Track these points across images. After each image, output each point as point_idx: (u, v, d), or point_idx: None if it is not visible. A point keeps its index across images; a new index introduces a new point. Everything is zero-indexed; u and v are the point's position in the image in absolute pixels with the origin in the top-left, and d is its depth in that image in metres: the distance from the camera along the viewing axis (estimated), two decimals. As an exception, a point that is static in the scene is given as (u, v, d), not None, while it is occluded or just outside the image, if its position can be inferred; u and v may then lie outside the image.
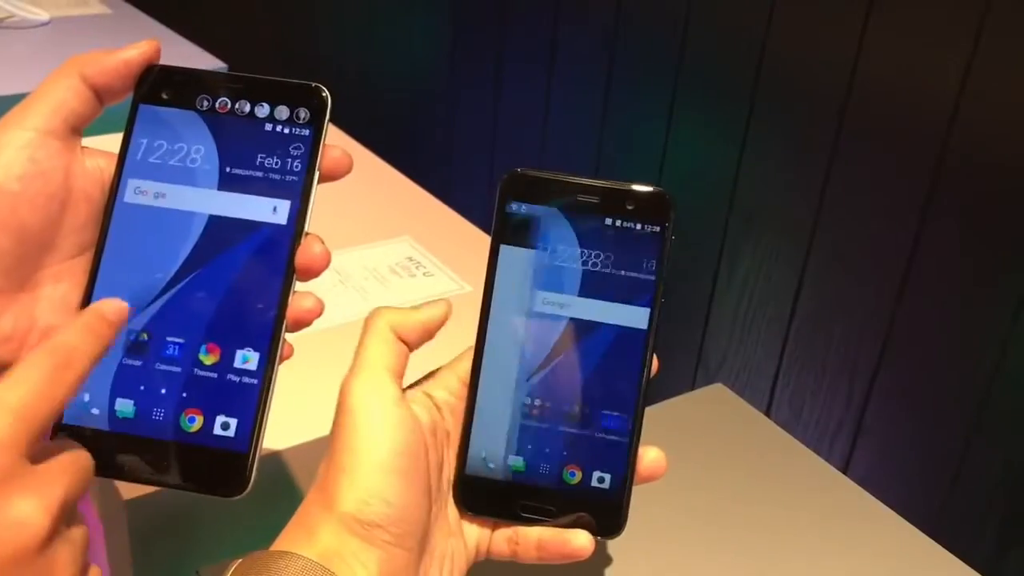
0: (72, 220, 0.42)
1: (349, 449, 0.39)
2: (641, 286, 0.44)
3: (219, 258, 0.42)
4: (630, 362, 0.43)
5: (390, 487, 0.39)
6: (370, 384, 0.41)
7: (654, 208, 0.44)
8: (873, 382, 1.05)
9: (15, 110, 0.41)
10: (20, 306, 0.41)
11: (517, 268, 0.45)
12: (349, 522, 0.38)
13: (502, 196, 0.45)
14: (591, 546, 0.42)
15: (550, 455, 0.44)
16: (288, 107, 0.43)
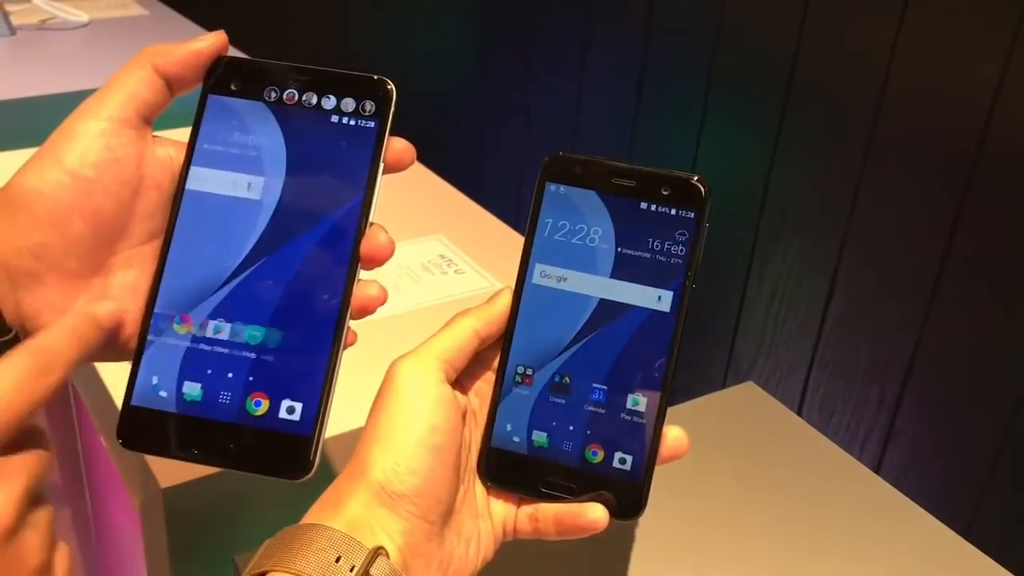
0: (143, 207, 0.43)
1: (387, 420, 0.41)
2: (673, 271, 0.44)
3: (285, 246, 0.42)
4: (658, 346, 0.44)
5: (420, 460, 0.40)
6: (417, 364, 0.42)
7: (690, 195, 0.45)
8: (905, 386, 1.04)
9: (90, 100, 0.42)
10: (93, 290, 0.42)
11: (551, 248, 0.45)
12: (377, 490, 0.39)
13: (543, 177, 0.46)
14: (605, 519, 0.43)
15: (573, 433, 0.44)
16: (354, 99, 0.43)
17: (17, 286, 0.41)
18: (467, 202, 0.92)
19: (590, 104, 1.37)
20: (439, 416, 0.41)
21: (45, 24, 1.40)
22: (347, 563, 0.37)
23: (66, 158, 0.41)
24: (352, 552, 0.38)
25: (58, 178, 0.41)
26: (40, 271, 0.41)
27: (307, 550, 0.38)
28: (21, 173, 0.41)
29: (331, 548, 0.38)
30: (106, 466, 0.69)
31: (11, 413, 0.34)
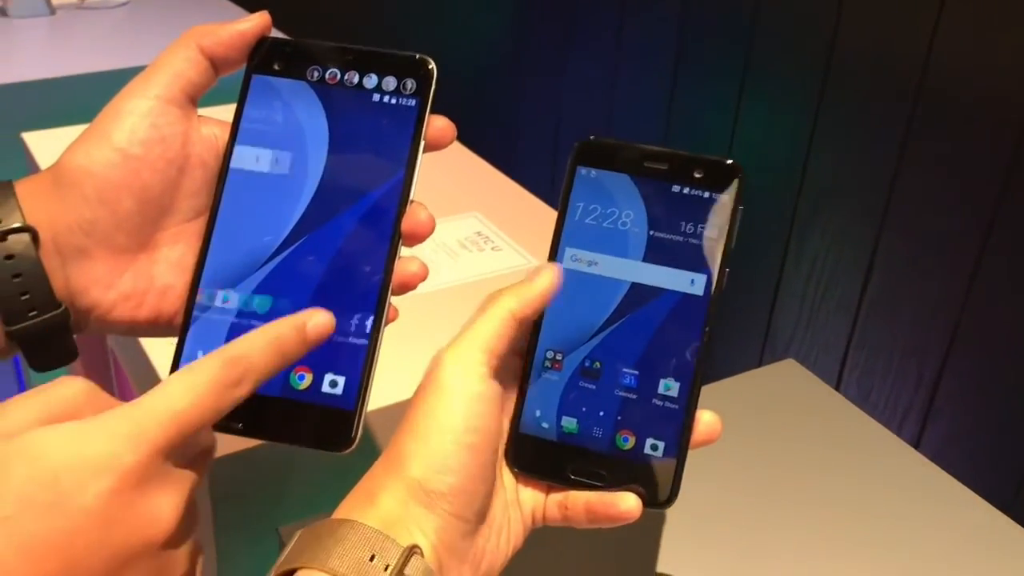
0: (189, 185, 0.43)
1: (427, 416, 0.40)
2: (706, 255, 0.44)
3: (328, 223, 0.43)
4: (690, 330, 0.43)
5: (459, 460, 0.39)
6: (462, 358, 0.41)
7: (723, 178, 0.44)
8: (944, 364, 1.03)
9: (137, 79, 0.43)
10: (140, 266, 0.43)
11: (583, 232, 0.45)
12: (414, 488, 0.39)
13: (574, 161, 0.45)
14: (638, 510, 0.42)
15: (604, 419, 0.44)
16: (395, 78, 0.43)
17: (67, 262, 0.42)
18: (503, 179, 0.92)
19: (625, 82, 1.36)
20: (480, 416, 0.40)
21: (84, 3, 1.42)
22: (381, 562, 0.37)
23: (114, 136, 0.42)
24: (386, 550, 0.37)
25: (107, 156, 0.41)
26: (89, 247, 0.42)
27: (340, 547, 0.37)
28: (70, 151, 0.42)
29: (365, 546, 0.37)
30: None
31: (190, 423, 0.34)
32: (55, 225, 0.41)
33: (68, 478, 0.31)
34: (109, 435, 0.32)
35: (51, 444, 0.32)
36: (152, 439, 0.33)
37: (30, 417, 0.33)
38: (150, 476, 0.33)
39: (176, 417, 0.34)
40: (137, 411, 0.33)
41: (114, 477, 0.32)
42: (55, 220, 0.41)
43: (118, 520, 0.32)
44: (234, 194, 0.43)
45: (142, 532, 0.33)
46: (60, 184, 0.42)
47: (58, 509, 0.31)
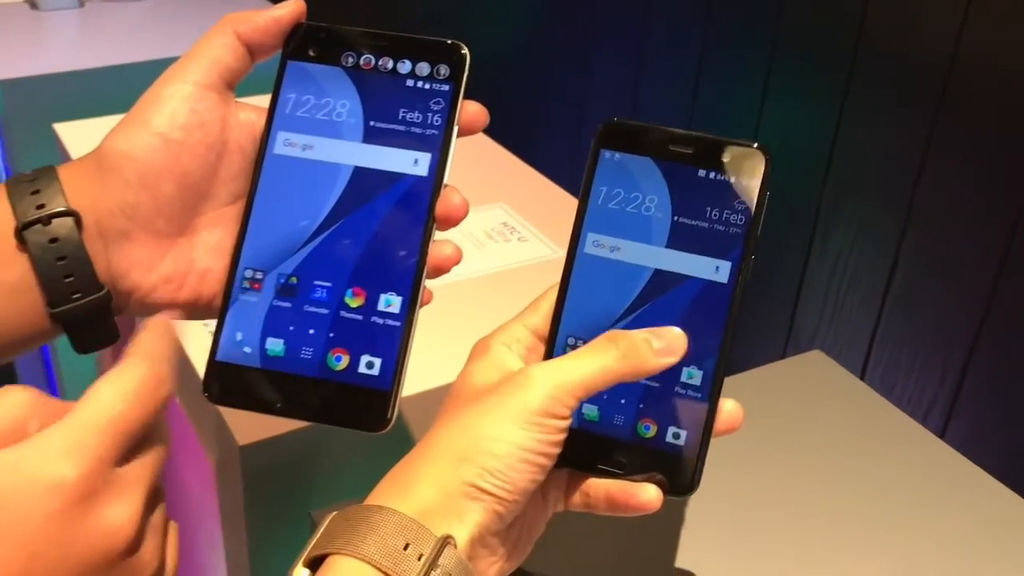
0: (227, 169, 0.44)
1: (499, 425, 0.39)
2: (731, 241, 0.43)
3: (363, 207, 0.43)
4: (714, 318, 0.43)
5: (521, 473, 0.39)
6: (550, 391, 0.40)
7: (751, 162, 0.43)
8: (970, 359, 1.03)
9: (175, 65, 0.43)
10: (180, 249, 0.44)
11: (605, 217, 0.44)
12: (465, 486, 0.38)
13: (597, 144, 0.45)
14: (658, 500, 0.42)
15: (625, 407, 0.43)
16: (429, 64, 0.44)
17: (109, 245, 0.43)
18: (528, 170, 0.92)
19: (650, 72, 1.36)
20: (556, 444, 0.40)
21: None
22: (415, 551, 0.36)
23: (154, 121, 0.42)
24: (421, 539, 0.37)
25: (148, 141, 0.42)
26: (131, 230, 0.43)
27: (374, 534, 0.37)
28: (112, 136, 0.43)
29: (400, 533, 0.37)
30: (176, 424, 0.70)
31: (134, 426, 0.34)
32: (97, 209, 0.42)
33: (15, 505, 0.31)
34: (49, 454, 0.32)
35: None
36: (94, 451, 0.32)
37: None
38: (97, 488, 0.32)
39: (114, 423, 0.33)
40: (72, 424, 0.33)
41: (61, 496, 0.31)
42: (97, 204, 0.42)
43: (74, 538, 0.31)
44: (271, 179, 0.44)
45: (100, 545, 0.32)
46: (102, 169, 0.42)
47: (11, 537, 0.30)
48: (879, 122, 1.07)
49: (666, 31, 1.31)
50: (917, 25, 1.00)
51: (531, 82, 1.57)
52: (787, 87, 1.17)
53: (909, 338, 1.09)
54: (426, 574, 0.36)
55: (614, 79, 1.42)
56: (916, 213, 1.05)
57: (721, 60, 1.24)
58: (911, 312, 1.08)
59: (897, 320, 1.10)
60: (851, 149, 1.11)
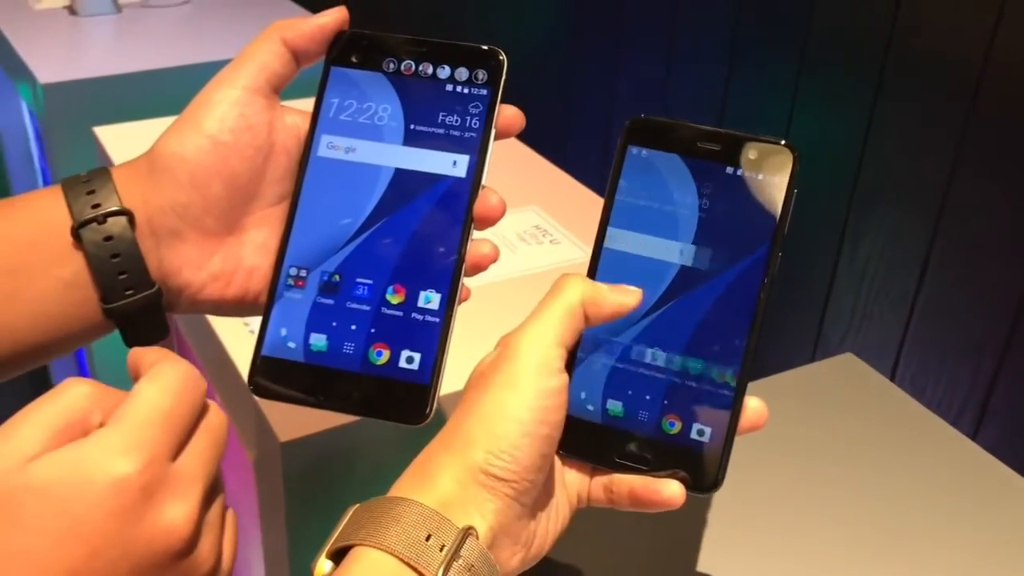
0: (273, 171, 0.45)
1: (498, 403, 0.40)
2: (759, 238, 0.43)
3: (403, 208, 0.45)
4: (741, 314, 0.43)
5: (524, 449, 0.40)
6: (540, 353, 0.41)
7: (778, 159, 0.44)
8: (1000, 366, 1.02)
9: (225, 70, 0.45)
10: (228, 248, 0.45)
11: (633, 213, 0.45)
12: (475, 471, 0.39)
13: (625, 140, 0.45)
14: (682, 497, 0.42)
15: (650, 402, 0.43)
16: (467, 69, 0.45)
17: (160, 243, 0.44)
18: (559, 173, 0.93)
19: (679, 74, 1.36)
20: (551, 410, 0.41)
21: (148, 2, 1.45)
22: (437, 541, 0.37)
23: (205, 124, 0.44)
24: (443, 530, 0.37)
25: (198, 143, 0.43)
26: (182, 229, 0.44)
27: (397, 525, 0.37)
28: (164, 139, 0.44)
29: (421, 525, 0.37)
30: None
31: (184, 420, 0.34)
32: (149, 208, 0.44)
33: (78, 504, 0.31)
34: (106, 452, 0.32)
35: (54, 474, 0.31)
36: (147, 446, 0.33)
37: (37, 435, 0.32)
38: (156, 484, 0.33)
39: (164, 420, 0.34)
40: (127, 422, 0.33)
41: (120, 493, 0.32)
42: (149, 203, 0.44)
43: (133, 536, 0.32)
44: (315, 180, 0.45)
45: (159, 543, 0.32)
46: (154, 169, 0.44)
47: (73, 535, 0.31)
48: (909, 127, 1.07)
49: (695, 36, 1.32)
50: (948, 31, 1.00)
51: (561, 86, 1.58)
52: (816, 92, 1.17)
53: (939, 343, 1.09)
54: (448, 565, 0.37)
55: (643, 84, 1.43)
56: (946, 218, 1.05)
57: (750, 64, 1.24)
58: (940, 317, 1.08)
59: (926, 325, 1.10)
60: (880, 154, 1.11)
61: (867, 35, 1.08)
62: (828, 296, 1.21)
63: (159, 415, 0.34)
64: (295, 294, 0.44)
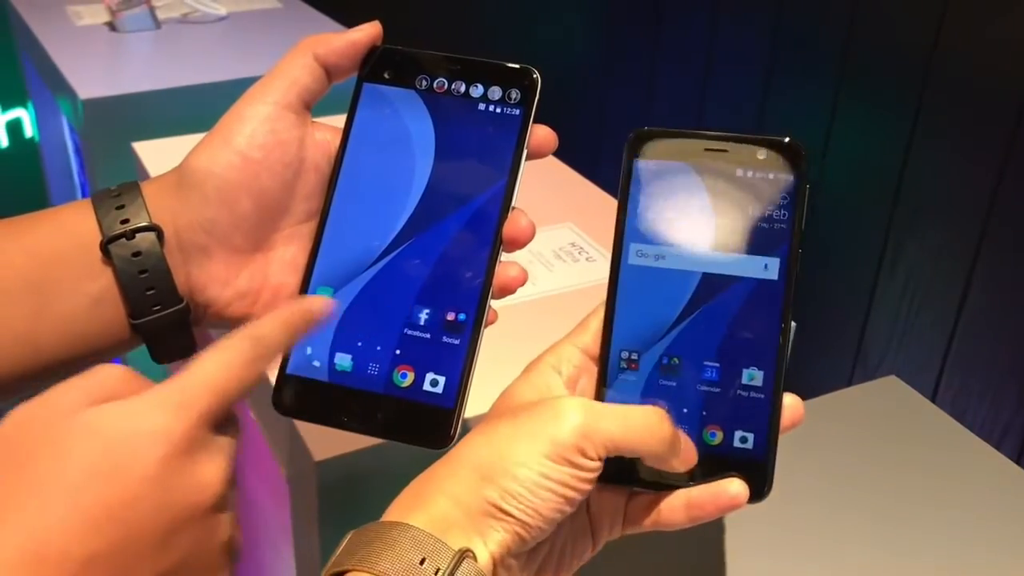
0: (303, 187, 0.45)
1: (524, 447, 0.39)
2: (778, 237, 0.42)
3: (432, 228, 0.44)
4: (768, 316, 0.42)
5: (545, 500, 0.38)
6: (585, 423, 0.39)
7: (787, 157, 0.43)
8: (1046, 385, 1.00)
9: (256, 86, 0.45)
10: (256, 265, 0.45)
11: (647, 225, 0.44)
12: (488, 506, 0.38)
13: (629, 154, 0.45)
14: (746, 492, 0.41)
15: (688, 416, 0.42)
16: (500, 88, 0.45)
17: (188, 259, 0.44)
18: (594, 190, 0.93)
19: (715, 91, 1.35)
20: (586, 482, 0.39)
21: (187, 17, 1.47)
22: (432, 565, 0.36)
23: (235, 140, 0.43)
24: (437, 553, 0.37)
25: (228, 158, 0.43)
26: (209, 245, 0.44)
27: (390, 550, 0.37)
28: (194, 154, 0.44)
29: (415, 548, 0.37)
30: (248, 438, 0.72)
31: (227, 394, 0.36)
32: (177, 223, 0.43)
33: (124, 449, 0.33)
34: (158, 407, 0.34)
35: (105, 420, 0.33)
36: (197, 409, 0.34)
37: (75, 400, 0.34)
38: (197, 444, 0.34)
39: (215, 388, 0.35)
40: (180, 385, 0.35)
41: (166, 445, 0.33)
42: (178, 218, 0.43)
43: (173, 486, 0.33)
44: (345, 198, 0.45)
45: (194, 496, 0.34)
46: (183, 184, 0.44)
47: (118, 478, 0.32)
48: (951, 140, 1.05)
49: (732, 52, 1.31)
50: (991, 47, 0.99)
51: (597, 102, 1.58)
52: (856, 108, 1.15)
53: (982, 363, 1.06)
54: None
55: (678, 100, 1.42)
56: (990, 236, 1.03)
57: (788, 80, 1.23)
58: (984, 336, 1.06)
59: (969, 345, 1.08)
60: (922, 169, 1.09)
61: (908, 50, 1.06)
62: (868, 313, 1.19)
63: (212, 384, 0.35)
64: None
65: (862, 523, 0.59)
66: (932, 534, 0.58)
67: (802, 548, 0.57)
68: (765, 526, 0.49)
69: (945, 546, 0.58)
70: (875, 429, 0.65)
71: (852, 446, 0.47)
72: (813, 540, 0.57)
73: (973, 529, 0.59)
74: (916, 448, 0.64)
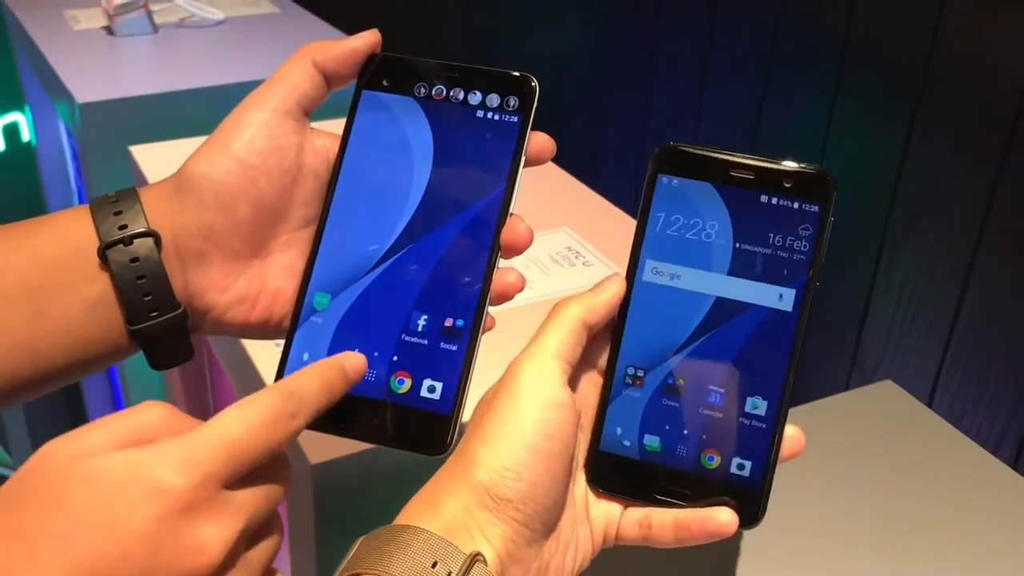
0: (301, 193, 0.45)
1: (500, 422, 0.40)
2: (795, 268, 0.42)
3: (430, 234, 0.44)
4: (778, 346, 0.42)
5: (529, 465, 0.39)
6: (540, 365, 0.41)
7: (814, 188, 0.42)
8: (1043, 391, 1.00)
9: (256, 92, 0.45)
10: (254, 271, 0.45)
11: (665, 244, 0.44)
12: (480, 493, 0.39)
13: (653, 169, 0.44)
14: (735, 524, 0.41)
15: (688, 437, 0.42)
16: (499, 95, 0.45)
17: (186, 265, 0.44)
18: (591, 194, 0.93)
19: (712, 95, 1.35)
20: (555, 423, 0.40)
21: (184, 22, 1.47)
22: (443, 568, 0.36)
23: (234, 145, 0.43)
24: (449, 557, 0.37)
25: (227, 164, 0.43)
26: (207, 251, 0.44)
27: (402, 553, 0.37)
28: (193, 160, 0.44)
29: (427, 552, 0.37)
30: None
31: (250, 454, 0.34)
32: (175, 229, 0.43)
33: (120, 502, 0.32)
34: (162, 461, 0.32)
35: (108, 468, 0.32)
36: (204, 467, 0.33)
37: (106, 440, 0.33)
38: (200, 504, 0.33)
39: (230, 446, 0.34)
40: (192, 439, 0.33)
41: (163, 502, 0.32)
42: (175, 224, 0.43)
43: (163, 547, 0.32)
44: (343, 204, 0.45)
45: (187, 561, 0.32)
46: (181, 190, 0.44)
47: (110, 532, 0.31)
48: (948, 146, 1.06)
49: (730, 57, 1.31)
50: (988, 52, 0.99)
51: (594, 107, 1.58)
52: (853, 113, 1.16)
53: (979, 368, 1.07)
54: None
55: (677, 105, 1.42)
56: (986, 240, 1.03)
57: (785, 85, 1.24)
58: (981, 341, 1.06)
59: (966, 350, 1.08)
60: (919, 173, 1.09)
61: (904, 56, 1.07)
62: (864, 319, 1.19)
63: (226, 440, 0.34)
64: (317, 319, 0.44)
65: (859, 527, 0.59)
66: (928, 538, 0.59)
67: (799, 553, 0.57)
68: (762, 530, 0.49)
69: (942, 551, 0.58)
70: (872, 434, 0.65)
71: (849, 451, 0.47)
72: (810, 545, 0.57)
73: (970, 534, 0.59)
74: (913, 453, 0.64)
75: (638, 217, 0.44)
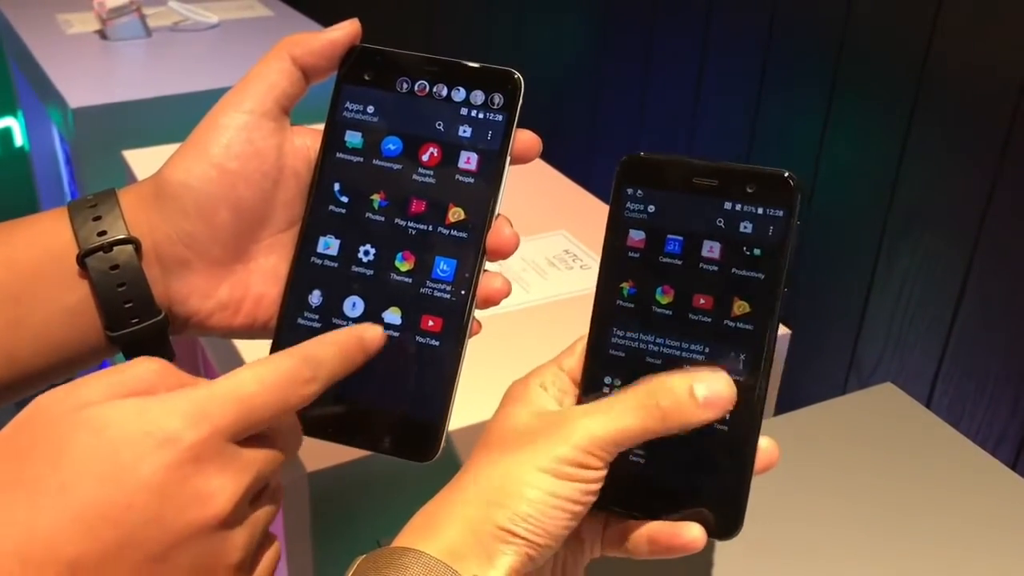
0: (283, 196, 0.44)
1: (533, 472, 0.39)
2: (765, 275, 0.41)
3: (414, 237, 0.43)
4: (750, 357, 0.41)
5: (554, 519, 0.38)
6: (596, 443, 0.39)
7: (778, 191, 0.41)
8: (1042, 391, 1.00)
9: (231, 93, 0.43)
10: (236, 276, 0.44)
11: (632, 255, 0.43)
12: (494, 527, 0.38)
13: (619, 180, 0.44)
14: (703, 539, 0.41)
15: (665, 447, 0.41)
16: (483, 92, 0.43)
17: (168, 272, 0.43)
18: (587, 197, 0.92)
19: (708, 98, 1.35)
20: (591, 493, 0.39)
21: (178, 26, 1.46)
22: None
23: (211, 151, 0.42)
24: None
25: (204, 171, 0.42)
26: (189, 258, 0.43)
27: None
28: (170, 166, 0.43)
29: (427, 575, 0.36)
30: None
31: (261, 412, 0.34)
32: (155, 235, 0.43)
33: (127, 451, 0.31)
34: (171, 412, 0.32)
35: (114, 417, 0.32)
36: (213, 419, 0.32)
37: (99, 391, 0.33)
38: (209, 456, 0.32)
39: (241, 402, 0.33)
40: (203, 392, 0.33)
41: (172, 452, 0.31)
42: (156, 231, 0.43)
43: (172, 495, 0.31)
44: (324, 205, 0.44)
45: (195, 511, 0.32)
46: (160, 196, 0.43)
47: (115, 481, 0.31)
48: (945, 148, 1.05)
49: (725, 59, 1.31)
50: (984, 53, 0.99)
51: (590, 109, 1.58)
52: (849, 115, 1.15)
53: (977, 369, 1.06)
54: None
55: (672, 107, 1.42)
56: (984, 242, 1.03)
57: (781, 88, 1.23)
58: (979, 342, 1.06)
59: (965, 350, 1.07)
60: (916, 175, 1.09)
61: (901, 58, 1.06)
62: (863, 320, 1.19)
63: (237, 396, 0.33)
64: (303, 322, 0.43)
65: (858, 530, 0.59)
66: (928, 540, 0.58)
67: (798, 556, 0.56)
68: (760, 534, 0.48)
69: (941, 552, 0.57)
70: (872, 436, 0.65)
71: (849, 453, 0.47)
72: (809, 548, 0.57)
73: (970, 535, 0.59)
74: (913, 454, 0.64)
75: (606, 229, 0.43)
